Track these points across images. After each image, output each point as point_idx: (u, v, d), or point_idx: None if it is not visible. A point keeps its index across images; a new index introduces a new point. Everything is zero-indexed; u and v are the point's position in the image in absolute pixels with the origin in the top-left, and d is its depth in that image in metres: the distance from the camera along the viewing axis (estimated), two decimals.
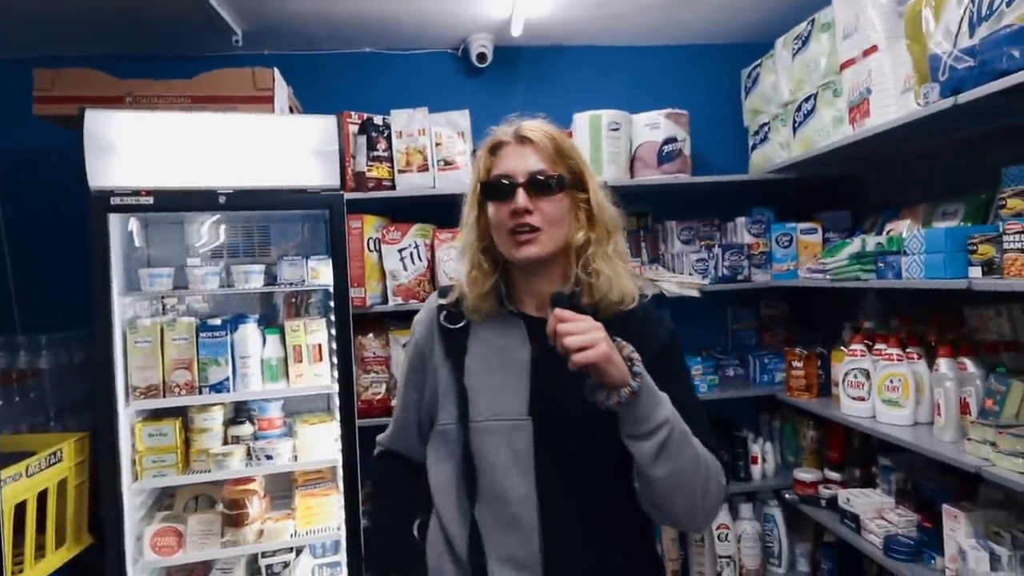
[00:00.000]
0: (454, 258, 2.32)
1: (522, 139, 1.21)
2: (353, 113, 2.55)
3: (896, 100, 2.04)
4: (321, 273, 2.31)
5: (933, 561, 1.94)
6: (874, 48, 2.11)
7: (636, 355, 1.04)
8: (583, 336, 0.99)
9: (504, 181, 1.18)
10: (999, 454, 1.60)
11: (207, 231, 2.57)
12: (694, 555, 2.72)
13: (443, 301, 1.30)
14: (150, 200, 2.05)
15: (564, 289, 1.14)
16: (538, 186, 1.17)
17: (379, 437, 1.42)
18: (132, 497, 2.12)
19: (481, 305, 1.23)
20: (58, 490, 2.01)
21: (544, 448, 1.15)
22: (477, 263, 1.24)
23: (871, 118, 2.13)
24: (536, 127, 1.22)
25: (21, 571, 1.83)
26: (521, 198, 1.16)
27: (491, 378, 1.20)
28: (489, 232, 1.23)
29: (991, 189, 1.92)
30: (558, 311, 1.02)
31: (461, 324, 1.26)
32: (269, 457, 2.25)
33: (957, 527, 1.83)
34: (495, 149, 1.23)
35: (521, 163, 1.19)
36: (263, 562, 2.35)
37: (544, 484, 1.15)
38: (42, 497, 1.95)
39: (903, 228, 2.24)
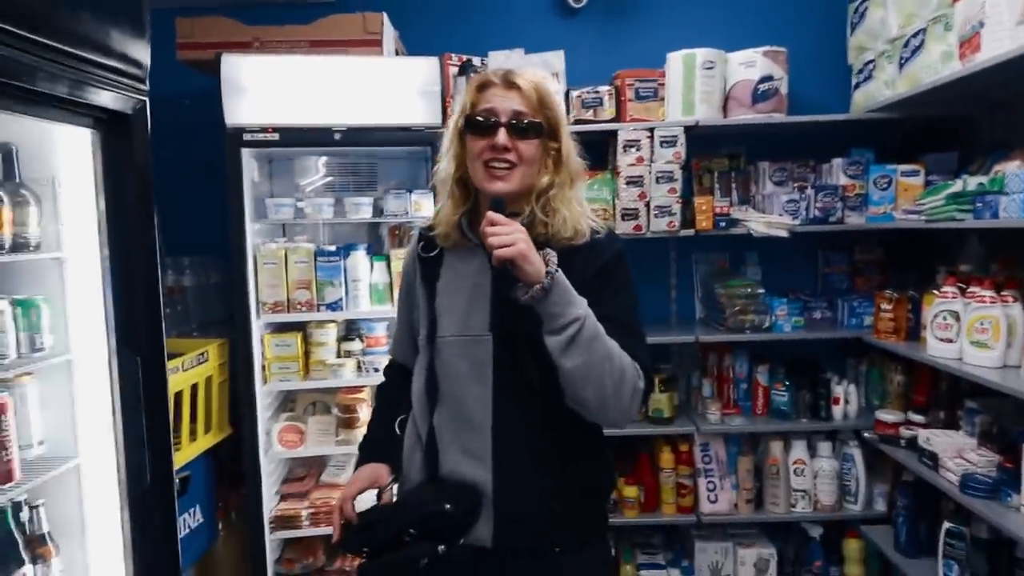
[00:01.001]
0: None
1: (510, 83, 1.29)
2: (453, 55, 2.67)
3: (1010, 32, 1.94)
4: (423, 206, 2.50)
5: (1010, 499, 1.95)
6: None
7: (554, 259, 1.18)
8: (505, 237, 1.14)
9: (489, 118, 1.27)
10: None
11: (320, 168, 2.83)
12: (769, 487, 2.81)
13: (423, 226, 1.45)
14: (276, 136, 2.29)
15: (503, 199, 1.25)
16: (519, 129, 1.27)
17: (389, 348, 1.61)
18: (262, 398, 2.45)
19: (451, 232, 1.35)
20: (205, 385, 2.37)
21: (502, 359, 1.30)
22: (452, 192, 1.35)
23: (981, 53, 2.04)
24: (525, 75, 1.31)
25: (178, 448, 2.20)
26: (502, 136, 1.25)
27: (457, 300, 1.35)
28: (465, 163, 1.32)
29: None
30: (490, 214, 1.18)
31: (435, 253, 1.40)
32: (376, 370, 2.52)
33: None
34: (482, 87, 1.31)
35: (505, 104, 1.27)
36: None
37: (499, 390, 1.30)
38: (193, 391, 2.30)
39: (1013, 168, 2.17)
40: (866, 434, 2.67)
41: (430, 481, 1.38)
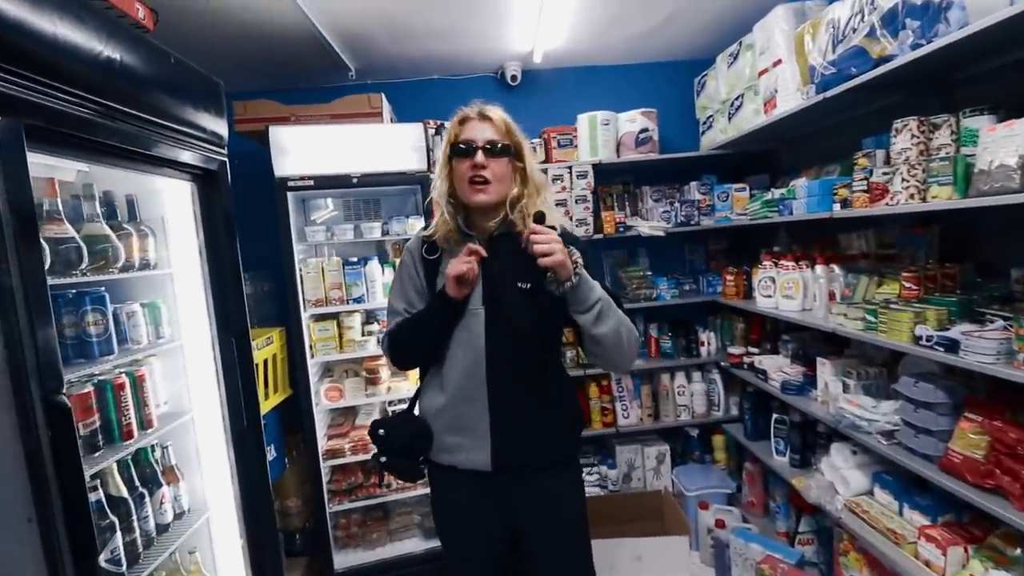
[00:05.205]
0: None
1: (483, 117, 1.25)
2: (431, 120, 2.79)
3: (793, 96, 2.20)
4: (417, 226, 2.60)
5: (811, 393, 2.21)
6: (779, 61, 2.25)
7: (580, 259, 1.15)
8: (547, 246, 1.11)
9: (469, 145, 1.22)
10: (848, 320, 1.86)
11: (342, 203, 2.91)
12: (662, 404, 3.02)
13: (424, 234, 1.36)
14: (311, 183, 2.36)
15: (544, 213, 1.17)
16: (491, 151, 1.22)
17: (387, 330, 1.39)
18: (311, 368, 2.49)
19: (450, 237, 1.29)
20: (272, 360, 2.41)
21: (492, 327, 1.24)
22: (447, 205, 1.28)
23: (777, 109, 2.29)
24: (493, 110, 1.25)
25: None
26: (479, 156, 1.21)
27: None
28: (453, 183, 1.26)
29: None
30: (533, 224, 1.13)
31: (436, 256, 1.32)
32: None
33: (824, 370, 2.10)
34: (463, 122, 1.26)
35: (481, 133, 1.23)
36: (390, 408, 2.74)
37: (491, 349, 1.24)
38: (264, 364, 2.35)
39: (801, 183, 2.46)
40: (722, 363, 2.90)
41: (413, 417, 1.36)
